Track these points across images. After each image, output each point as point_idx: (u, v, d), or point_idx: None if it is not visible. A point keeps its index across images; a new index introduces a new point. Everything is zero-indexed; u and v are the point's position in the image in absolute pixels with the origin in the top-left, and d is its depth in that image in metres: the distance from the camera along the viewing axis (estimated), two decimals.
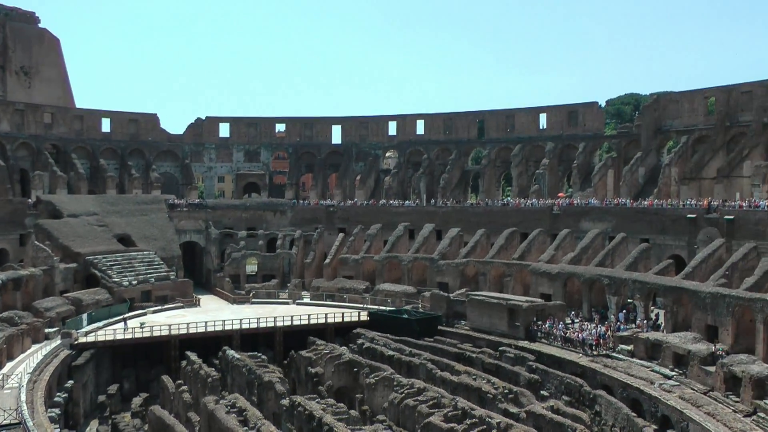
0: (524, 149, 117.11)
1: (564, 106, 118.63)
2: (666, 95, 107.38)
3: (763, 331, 57.73)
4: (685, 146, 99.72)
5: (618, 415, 52.01)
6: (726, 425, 46.47)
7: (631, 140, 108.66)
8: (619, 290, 73.54)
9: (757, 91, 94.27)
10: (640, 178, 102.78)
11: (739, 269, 69.83)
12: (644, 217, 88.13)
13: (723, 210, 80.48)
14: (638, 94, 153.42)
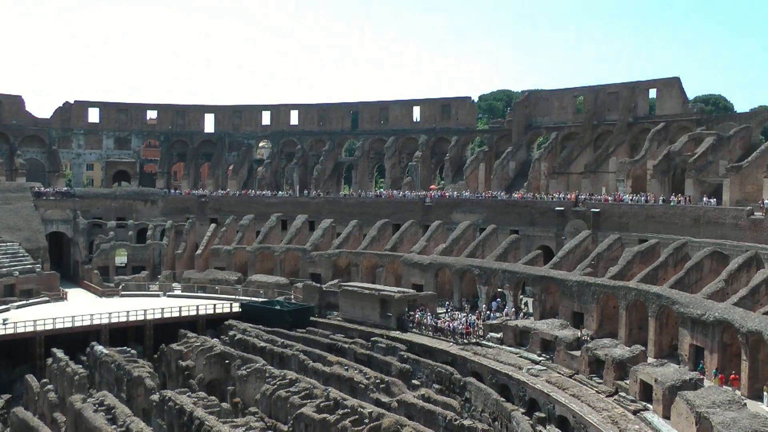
0: (397, 141, 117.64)
1: (437, 99, 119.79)
2: (537, 93, 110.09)
3: (625, 317, 60.27)
4: (555, 142, 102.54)
5: (487, 401, 52.66)
6: (590, 405, 48.05)
7: (503, 135, 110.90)
8: (489, 280, 74.75)
9: (622, 92, 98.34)
10: (511, 171, 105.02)
11: (604, 259, 72.29)
12: (514, 210, 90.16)
13: (589, 203, 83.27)
14: (510, 91, 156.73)
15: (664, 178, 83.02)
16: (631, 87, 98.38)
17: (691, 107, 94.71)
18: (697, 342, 53.26)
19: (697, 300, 55.18)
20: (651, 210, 76.82)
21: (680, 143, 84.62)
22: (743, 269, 59.53)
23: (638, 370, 49.15)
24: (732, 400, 41.85)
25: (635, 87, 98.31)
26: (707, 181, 78.52)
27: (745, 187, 73.91)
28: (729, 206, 71.41)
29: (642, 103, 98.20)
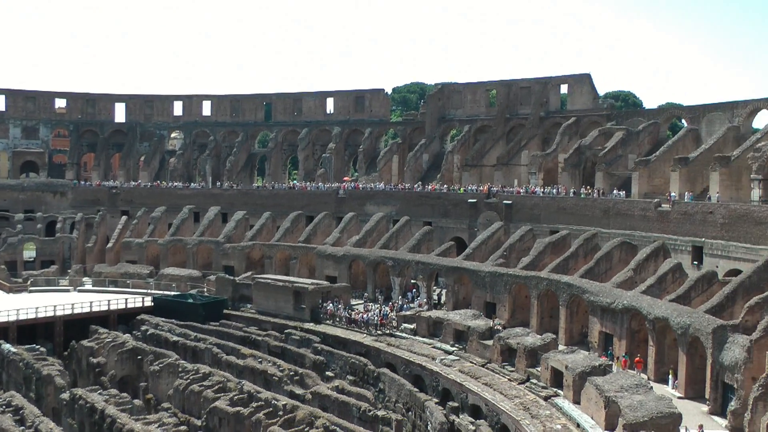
0: (311, 133, 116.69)
1: (351, 91, 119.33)
2: (450, 86, 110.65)
3: (536, 306, 61.25)
4: (468, 135, 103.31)
5: (401, 392, 52.62)
6: (502, 393, 48.50)
7: (416, 127, 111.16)
8: (402, 271, 74.79)
9: (534, 87, 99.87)
10: (424, 163, 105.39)
11: (515, 250, 73.13)
12: (427, 201, 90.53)
13: (502, 195, 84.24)
14: (424, 84, 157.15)
15: (575, 171, 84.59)
16: (543, 82, 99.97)
17: (601, 103, 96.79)
18: (607, 329, 54.50)
19: (606, 289, 56.34)
20: (562, 202, 78.20)
21: (591, 137, 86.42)
22: (651, 259, 60.98)
23: (549, 358, 49.87)
24: (639, 384, 42.88)
25: (547, 82, 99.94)
26: (617, 174, 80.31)
27: (653, 180, 75.85)
28: (637, 198, 73.29)
29: (553, 98, 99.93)
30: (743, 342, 42.61)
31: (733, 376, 42.29)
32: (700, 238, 62.78)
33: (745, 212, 60.09)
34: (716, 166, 67.64)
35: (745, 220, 59.41)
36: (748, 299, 48.21)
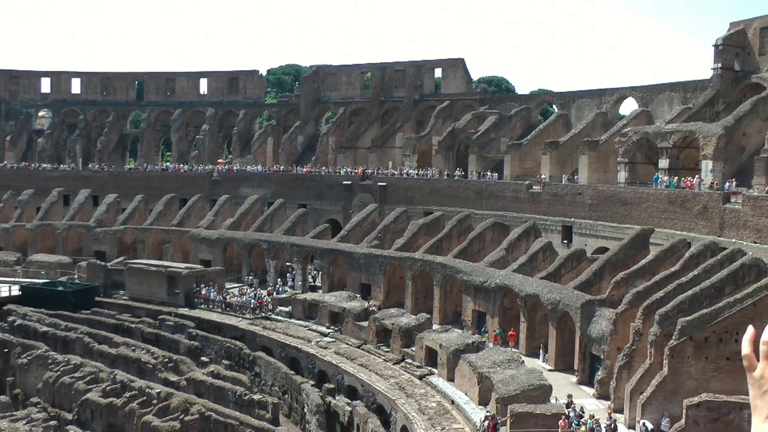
0: (184, 114, 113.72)
1: (225, 72, 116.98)
2: (325, 68, 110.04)
3: (411, 287, 61.89)
4: (342, 117, 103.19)
5: (277, 375, 52.18)
6: (377, 374, 48.68)
7: (291, 109, 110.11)
8: (277, 254, 74.12)
9: (408, 70, 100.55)
10: (299, 146, 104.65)
11: (390, 231, 73.60)
12: (302, 184, 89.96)
13: (376, 177, 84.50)
14: (299, 66, 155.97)
15: (449, 153, 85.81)
16: (417, 66, 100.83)
17: (474, 87, 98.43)
18: (480, 307, 55.64)
19: (479, 268, 57.47)
20: (436, 184, 79.22)
21: (464, 121, 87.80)
22: (522, 238, 62.58)
23: (424, 337, 50.45)
24: (511, 359, 44.00)
25: (421, 66, 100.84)
26: (489, 156, 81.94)
27: (524, 163, 77.83)
28: (509, 180, 74.99)
29: (428, 82, 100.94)
30: (609, 315, 44.61)
31: (600, 348, 44.33)
32: (570, 218, 65.04)
33: (612, 193, 62.75)
34: (585, 150, 70.07)
35: (612, 201, 61.99)
36: (615, 275, 50.29)
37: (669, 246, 51.79)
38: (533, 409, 36.64)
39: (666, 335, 40.04)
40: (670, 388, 37.62)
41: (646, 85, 78.63)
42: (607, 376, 43.12)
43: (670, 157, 62.98)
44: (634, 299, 44.98)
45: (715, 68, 69.20)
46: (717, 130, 60.26)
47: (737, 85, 68.96)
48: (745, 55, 69.29)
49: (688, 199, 56.34)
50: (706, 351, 38.96)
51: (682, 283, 44.42)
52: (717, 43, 68.96)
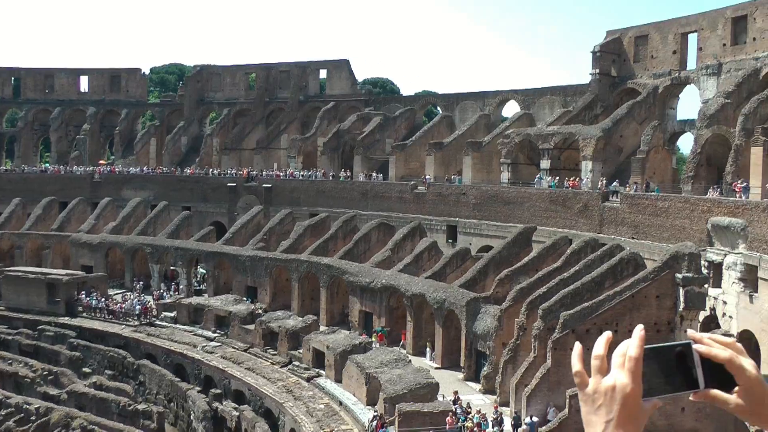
0: (64, 113, 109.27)
1: (106, 70, 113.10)
2: (209, 68, 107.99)
3: (297, 289, 61.63)
4: (227, 118, 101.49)
5: (162, 383, 50.88)
6: (265, 377, 48.16)
7: (175, 109, 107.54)
8: (162, 258, 72.30)
9: (293, 71, 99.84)
10: (183, 147, 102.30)
11: (276, 233, 72.84)
12: (186, 186, 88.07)
13: (261, 179, 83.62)
14: (182, 65, 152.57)
15: (334, 154, 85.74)
16: (302, 67, 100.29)
17: (359, 89, 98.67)
18: (367, 308, 55.73)
19: (365, 269, 57.59)
20: (321, 185, 79.01)
21: (349, 122, 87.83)
22: (408, 238, 63.04)
23: (311, 339, 50.17)
24: (398, 358, 44.26)
25: (306, 67, 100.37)
26: (374, 157, 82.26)
27: (409, 164, 78.47)
28: (395, 181, 75.48)
29: (313, 83, 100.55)
30: (494, 312, 45.57)
31: (486, 344, 45.30)
32: (454, 217, 65.99)
33: (495, 193, 64.15)
34: (469, 151, 71.24)
35: (495, 201, 63.32)
36: (499, 273, 51.40)
37: (551, 243, 53.16)
38: (420, 408, 36.93)
39: (549, 329, 41.15)
40: (554, 379, 38.60)
41: (528, 89, 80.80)
42: (492, 371, 44.00)
43: (551, 158, 64.84)
44: (518, 295, 46.09)
45: (593, 74, 71.83)
46: (596, 133, 62.56)
47: (614, 89, 71.80)
48: (621, 61, 72.22)
49: (568, 198, 58.13)
50: (588, 342, 38.30)
51: (564, 278, 45.81)
52: (595, 50, 71.67)
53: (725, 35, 64.39)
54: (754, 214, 43.08)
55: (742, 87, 58.59)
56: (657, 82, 68.03)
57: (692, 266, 43.37)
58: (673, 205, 50.39)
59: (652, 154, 59.44)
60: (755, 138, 49.25)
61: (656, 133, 60.50)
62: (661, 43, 69.84)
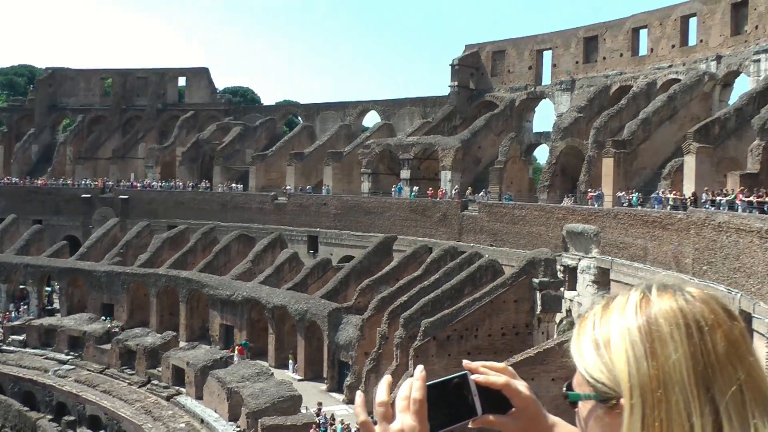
0: None
1: None
2: (62, 71, 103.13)
3: (156, 304, 59.84)
4: (81, 125, 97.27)
5: (9, 413, 48.29)
6: (122, 399, 46.55)
7: (25, 115, 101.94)
8: (10, 276, 68.35)
9: (152, 78, 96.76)
10: (34, 155, 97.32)
11: (133, 247, 70.65)
12: (37, 197, 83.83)
13: (118, 190, 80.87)
14: (33, 67, 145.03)
15: (193, 165, 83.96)
16: (160, 73, 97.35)
17: (219, 97, 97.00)
18: (227, 321, 54.81)
19: (226, 281, 56.72)
20: (180, 196, 77.13)
21: (209, 132, 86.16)
22: (268, 250, 62.45)
23: (170, 356, 48.83)
24: (260, 372, 43.73)
25: (165, 74, 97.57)
26: (234, 168, 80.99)
27: (269, 174, 77.65)
28: (255, 192, 74.62)
29: (171, 91, 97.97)
30: (356, 322, 45.89)
31: (348, 354, 45.57)
32: (315, 228, 65.77)
33: (356, 203, 64.43)
34: (329, 161, 71.22)
35: (356, 211, 63.58)
36: (360, 282, 51.78)
37: (411, 252, 53.89)
38: (283, 421, 36.73)
39: (411, 337, 41.82)
40: None
41: (388, 99, 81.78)
42: (356, 381, 44.10)
43: (411, 168, 65.67)
44: (380, 305, 46.56)
45: (452, 86, 73.51)
46: (455, 143, 63.98)
47: (473, 102, 73.65)
48: (479, 75, 74.21)
49: (428, 207, 59.03)
50: (449, 348, 41.34)
51: (425, 286, 46.69)
52: (454, 63, 73.37)
53: (578, 53, 67.56)
54: (605, 220, 45.03)
55: (594, 102, 61.70)
56: (514, 96, 70.32)
57: (548, 271, 45.16)
58: (529, 213, 51.97)
59: (509, 165, 61.24)
60: (606, 150, 51.69)
61: (513, 144, 62.39)
62: (518, 58, 72.32)
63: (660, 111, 53.80)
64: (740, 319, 1.75)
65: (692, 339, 1.65)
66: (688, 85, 55.13)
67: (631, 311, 1.72)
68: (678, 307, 1.70)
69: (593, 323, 1.77)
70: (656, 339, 1.66)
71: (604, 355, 1.70)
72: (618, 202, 47.49)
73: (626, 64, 64.19)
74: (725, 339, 1.66)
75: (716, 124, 46.28)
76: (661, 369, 1.62)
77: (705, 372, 1.63)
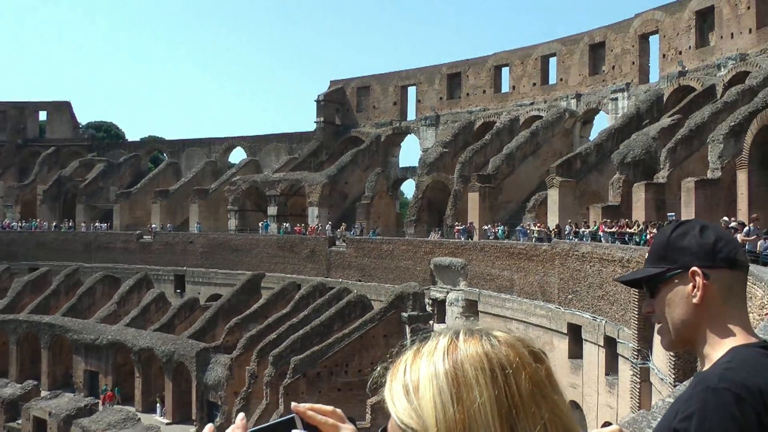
0: None
1: None
2: None
3: (16, 352, 57.46)
4: None
5: None
6: None
7: None
8: None
9: (10, 111, 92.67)
10: None
11: None
12: None
13: None
14: None
15: (55, 203, 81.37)
16: (20, 107, 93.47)
17: (82, 133, 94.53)
18: (92, 367, 53.33)
19: (90, 325, 55.37)
20: (42, 236, 74.55)
21: (71, 168, 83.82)
22: (134, 290, 61.21)
23: (31, 407, 47.12)
24: (127, 417, 42.87)
25: (25, 107, 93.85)
26: (98, 206, 79.06)
27: (134, 212, 76.25)
28: (119, 231, 73.12)
29: (32, 125, 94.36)
30: (225, 361, 45.74)
31: (217, 394, 45.41)
32: (182, 267, 64.93)
33: (223, 241, 64.18)
34: (195, 198, 70.64)
35: (223, 248, 63.30)
36: (228, 321, 51.54)
37: (280, 289, 54.12)
38: None
39: (281, 375, 42.11)
40: None
41: (254, 135, 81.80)
42: (225, 422, 43.61)
43: (278, 204, 65.98)
44: (249, 343, 46.60)
45: (318, 122, 74.48)
46: (321, 179, 64.84)
47: (339, 137, 74.81)
48: (344, 110, 75.54)
49: (296, 244, 59.43)
50: (319, 385, 41.84)
51: (294, 323, 47.01)
52: (319, 99, 74.44)
53: (442, 89, 69.90)
54: (472, 253, 46.56)
55: (458, 137, 63.85)
56: (379, 131, 71.91)
57: (417, 305, 46.28)
58: (397, 248, 53.09)
59: (376, 200, 62.47)
60: (472, 184, 53.52)
61: (380, 179, 63.74)
62: (383, 94, 74.05)
63: (523, 146, 56.23)
64: (546, 360, 1.83)
65: (497, 382, 1.70)
66: (549, 121, 57.96)
67: (439, 357, 1.75)
68: (484, 351, 1.74)
69: (404, 369, 1.78)
70: (462, 384, 1.70)
71: (413, 401, 1.72)
72: (484, 235, 49.10)
73: (489, 100, 66.85)
74: (529, 381, 1.72)
75: (578, 159, 48.93)
76: (467, 413, 1.67)
77: (510, 413, 1.68)
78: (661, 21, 55.23)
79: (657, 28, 55.66)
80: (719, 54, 49.79)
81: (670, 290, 2.47)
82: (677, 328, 2.48)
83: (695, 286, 2.40)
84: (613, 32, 58.86)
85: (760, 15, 47.41)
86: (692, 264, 2.41)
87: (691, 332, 2.46)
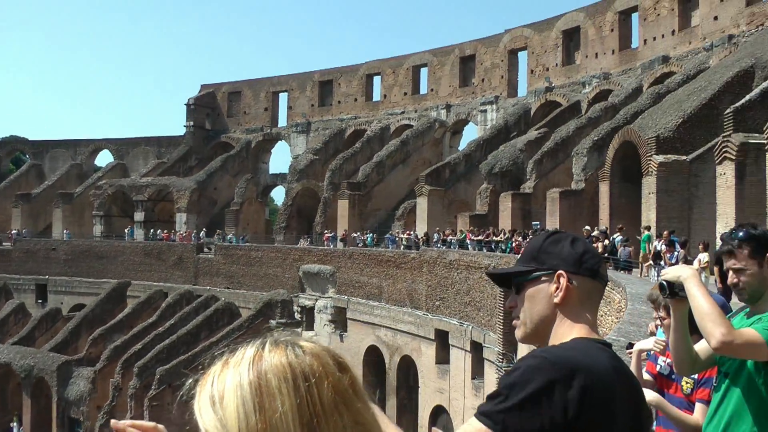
0: None
1: None
2: None
3: None
4: None
5: None
6: None
7: None
8: None
9: None
10: None
11: None
12: None
13: None
14: None
15: None
16: None
17: None
18: None
19: None
20: None
21: None
22: None
23: None
24: None
25: None
26: None
27: None
28: None
29: None
30: (88, 374, 44.43)
31: (79, 410, 43.92)
32: (44, 275, 62.33)
33: (87, 247, 62.06)
34: (59, 203, 68.10)
35: (87, 255, 61.18)
36: (92, 332, 49.86)
37: (146, 298, 52.93)
38: None
39: (146, 386, 41.15)
40: None
41: (122, 138, 79.61)
42: None
43: (145, 210, 64.42)
44: (113, 354, 45.43)
45: (188, 126, 73.20)
46: (190, 184, 63.80)
47: (209, 142, 73.81)
48: (215, 115, 74.60)
49: (164, 251, 58.15)
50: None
51: (160, 333, 46.14)
52: (189, 103, 73.25)
53: (313, 97, 70.10)
54: (341, 261, 46.78)
55: (329, 145, 64.21)
56: (250, 137, 71.41)
57: (285, 312, 46.31)
58: (266, 255, 52.75)
59: (245, 206, 62.02)
60: (342, 191, 53.86)
61: (249, 185, 63.28)
62: (254, 100, 73.56)
63: (393, 155, 57.06)
64: (352, 369, 1.86)
65: (299, 391, 1.71)
66: (420, 130, 59.01)
67: (245, 367, 1.76)
68: (288, 361, 1.76)
69: (212, 380, 1.77)
70: (265, 393, 1.71)
71: (219, 411, 1.72)
72: (353, 243, 49.45)
73: (361, 108, 67.48)
74: (332, 389, 1.74)
75: (447, 169, 50.02)
76: (269, 422, 1.68)
77: (311, 422, 1.70)
78: (529, 38, 57.36)
79: (526, 45, 57.82)
80: (584, 72, 52.34)
81: (536, 288, 2.65)
82: (534, 323, 2.67)
83: (558, 287, 2.59)
84: (483, 46, 60.65)
85: (623, 38, 50.49)
86: (560, 267, 2.61)
87: (546, 327, 2.64)
